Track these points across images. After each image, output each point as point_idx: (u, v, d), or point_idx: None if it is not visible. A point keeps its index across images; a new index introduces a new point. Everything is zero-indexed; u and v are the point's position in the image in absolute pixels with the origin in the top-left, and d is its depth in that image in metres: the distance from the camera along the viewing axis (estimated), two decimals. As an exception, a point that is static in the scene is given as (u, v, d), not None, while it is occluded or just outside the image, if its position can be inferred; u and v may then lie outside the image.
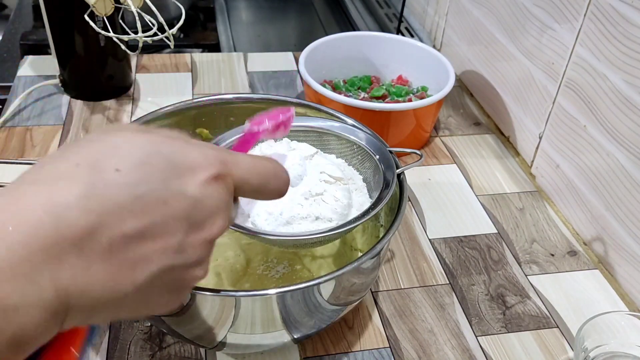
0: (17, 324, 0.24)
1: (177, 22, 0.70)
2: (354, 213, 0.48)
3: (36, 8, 1.09)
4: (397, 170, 0.51)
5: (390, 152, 0.52)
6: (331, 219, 0.46)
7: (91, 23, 0.68)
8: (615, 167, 0.59)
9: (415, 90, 0.82)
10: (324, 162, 0.50)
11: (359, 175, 0.52)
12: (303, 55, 0.78)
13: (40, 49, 0.94)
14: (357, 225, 0.46)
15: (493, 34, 0.81)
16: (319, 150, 0.53)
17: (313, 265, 0.57)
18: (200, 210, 0.29)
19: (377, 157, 0.52)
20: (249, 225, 0.46)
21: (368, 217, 0.46)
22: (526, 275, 0.61)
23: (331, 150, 0.54)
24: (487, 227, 0.67)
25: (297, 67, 0.78)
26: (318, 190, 0.47)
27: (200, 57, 0.92)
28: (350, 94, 0.81)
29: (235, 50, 1.09)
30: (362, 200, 0.50)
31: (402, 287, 0.59)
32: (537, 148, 0.73)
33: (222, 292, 0.43)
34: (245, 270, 0.56)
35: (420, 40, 1.03)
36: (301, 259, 0.57)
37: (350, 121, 0.56)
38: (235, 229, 0.45)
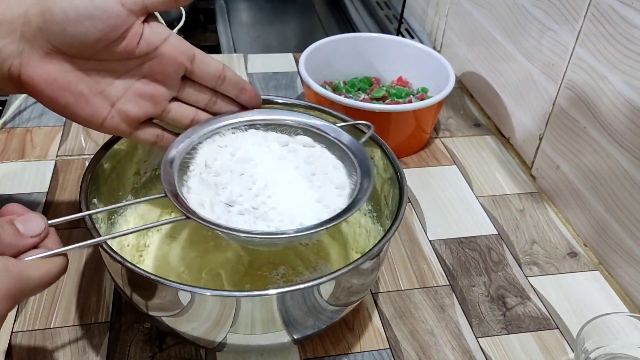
0: None
1: (178, 23, 0.70)
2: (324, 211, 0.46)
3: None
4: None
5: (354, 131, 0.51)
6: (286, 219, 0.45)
7: (91, 24, 0.68)
8: (615, 169, 0.59)
9: (415, 91, 0.82)
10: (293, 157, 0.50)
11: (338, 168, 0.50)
12: (303, 56, 0.78)
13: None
14: (323, 230, 0.44)
15: (493, 35, 0.81)
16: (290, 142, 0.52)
17: (314, 266, 0.57)
18: None
19: (345, 146, 0.50)
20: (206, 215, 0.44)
21: (332, 224, 0.44)
22: (526, 277, 0.61)
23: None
24: (487, 229, 0.67)
25: (297, 68, 0.78)
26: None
27: (200, 59, 0.92)
28: (351, 95, 0.81)
29: (235, 52, 1.09)
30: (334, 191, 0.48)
31: (402, 289, 0.59)
32: (537, 149, 0.73)
33: (222, 292, 0.43)
34: (246, 270, 0.56)
35: (421, 41, 1.03)
36: (303, 260, 0.57)
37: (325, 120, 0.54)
38: (199, 220, 0.43)
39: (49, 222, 0.39)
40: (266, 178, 0.47)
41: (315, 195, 0.47)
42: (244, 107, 0.52)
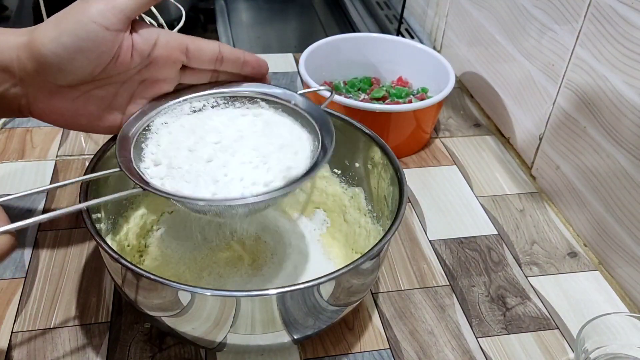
0: None
1: (178, 23, 0.70)
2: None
3: (36, 9, 1.09)
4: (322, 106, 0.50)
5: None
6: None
7: (91, 24, 0.68)
8: (615, 169, 0.59)
9: (415, 91, 0.82)
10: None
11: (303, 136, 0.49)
12: (303, 56, 0.78)
13: (40, 51, 0.94)
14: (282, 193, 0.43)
15: (493, 35, 0.81)
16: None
17: (315, 266, 0.57)
18: None
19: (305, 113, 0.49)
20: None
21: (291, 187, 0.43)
22: (526, 277, 0.61)
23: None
24: (487, 229, 0.67)
25: (297, 68, 0.78)
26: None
27: (200, 59, 0.92)
28: (351, 95, 0.81)
29: (235, 52, 1.09)
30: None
31: (402, 289, 0.59)
32: (537, 149, 0.73)
33: (222, 292, 0.43)
34: (246, 270, 0.56)
35: (421, 41, 1.03)
36: (304, 259, 0.57)
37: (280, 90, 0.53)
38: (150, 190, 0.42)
39: (0, 200, 0.39)
40: (225, 147, 0.47)
41: (276, 161, 0.46)
42: (249, 78, 0.51)
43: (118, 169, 0.44)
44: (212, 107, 0.50)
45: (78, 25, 0.42)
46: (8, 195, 0.41)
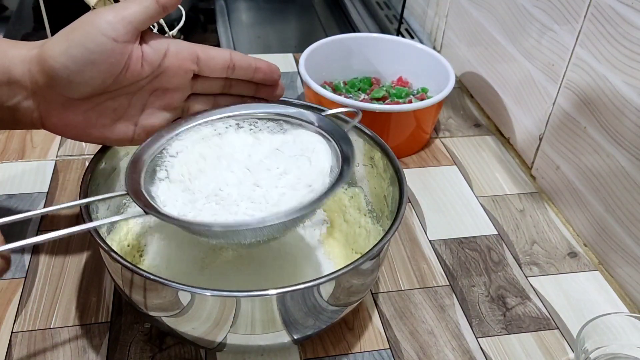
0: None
1: (178, 23, 0.70)
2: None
3: (36, 9, 1.09)
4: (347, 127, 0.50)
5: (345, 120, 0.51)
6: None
7: (91, 24, 0.68)
8: (615, 169, 0.59)
9: (415, 91, 0.82)
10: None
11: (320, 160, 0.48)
12: (303, 56, 0.78)
13: (40, 51, 0.94)
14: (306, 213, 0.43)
15: (493, 35, 0.81)
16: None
17: (316, 267, 0.57)
18: None
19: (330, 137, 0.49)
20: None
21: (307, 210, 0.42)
22: (526, 277, 0.61)
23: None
24: (487, 229, 0.67)
25: (297, 68, 0.78)
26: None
27: (200, 59, 0.92)
28: (351, 95, 0.81)
29: (235, 52, 1.09)
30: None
31: (402, 289, 0.59)
32: (537, 149, 0.73)
33: (222, 292, 0.43)
34: (246, 270, 0.56)
35: (421, 41, 1.03)
36: (305, 260, 0.57)
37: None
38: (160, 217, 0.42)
39: (0, 220, 0.39)
40: (240, 170, 0.46)
41: (292, 184, 0.46)
42: (260, 85, 0.51)
43: (125, 192, 0.44)
44: (231, 128, 0.49)
45: (87, 38, 0.42)
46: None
